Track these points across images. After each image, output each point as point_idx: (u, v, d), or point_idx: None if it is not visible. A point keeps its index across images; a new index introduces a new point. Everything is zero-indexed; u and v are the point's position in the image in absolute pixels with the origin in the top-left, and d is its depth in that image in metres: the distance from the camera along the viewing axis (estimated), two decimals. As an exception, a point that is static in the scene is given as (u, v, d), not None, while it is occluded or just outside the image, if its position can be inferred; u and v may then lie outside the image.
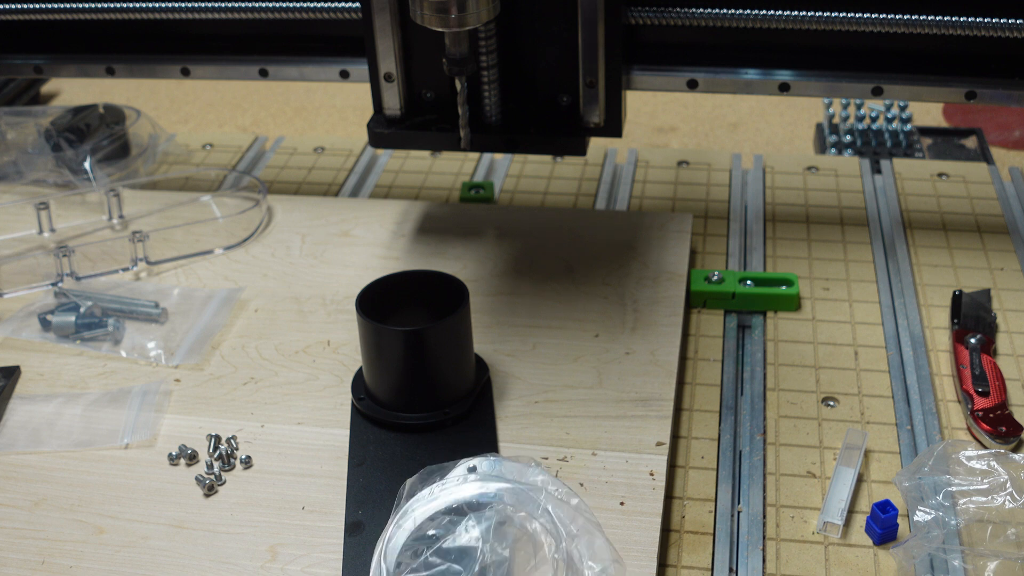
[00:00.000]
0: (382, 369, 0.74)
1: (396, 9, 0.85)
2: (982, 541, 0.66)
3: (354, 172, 1.15)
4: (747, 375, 0.83)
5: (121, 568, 0.66)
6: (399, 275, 0.77)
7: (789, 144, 2.45)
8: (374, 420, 0.75)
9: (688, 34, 0.95)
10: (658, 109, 2.62)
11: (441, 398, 0.74)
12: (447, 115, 0.89)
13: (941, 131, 1.97)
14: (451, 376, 0.74)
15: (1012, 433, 0.75)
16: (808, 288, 0.92)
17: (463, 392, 0.75)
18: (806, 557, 0.68)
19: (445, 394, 0.74)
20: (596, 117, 0.87)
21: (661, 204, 1.07)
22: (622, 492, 0.69)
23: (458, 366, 0.75)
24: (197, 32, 1.06)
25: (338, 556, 0.65)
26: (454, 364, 0.74)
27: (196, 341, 0.85)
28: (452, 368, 0.74)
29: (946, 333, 0.87)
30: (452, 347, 0.74)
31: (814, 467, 0.74)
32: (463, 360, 0.75)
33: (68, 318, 0.86)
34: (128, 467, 0.73)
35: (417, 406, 0.74)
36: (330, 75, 1.04)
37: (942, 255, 0.97)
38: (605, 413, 0.76)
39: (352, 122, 2.76)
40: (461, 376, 0.75)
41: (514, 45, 0.86)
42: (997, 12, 0.86)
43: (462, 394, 0.75)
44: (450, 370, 0.74)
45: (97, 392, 0.80)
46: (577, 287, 0.89)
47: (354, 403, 0.76)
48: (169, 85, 2.74)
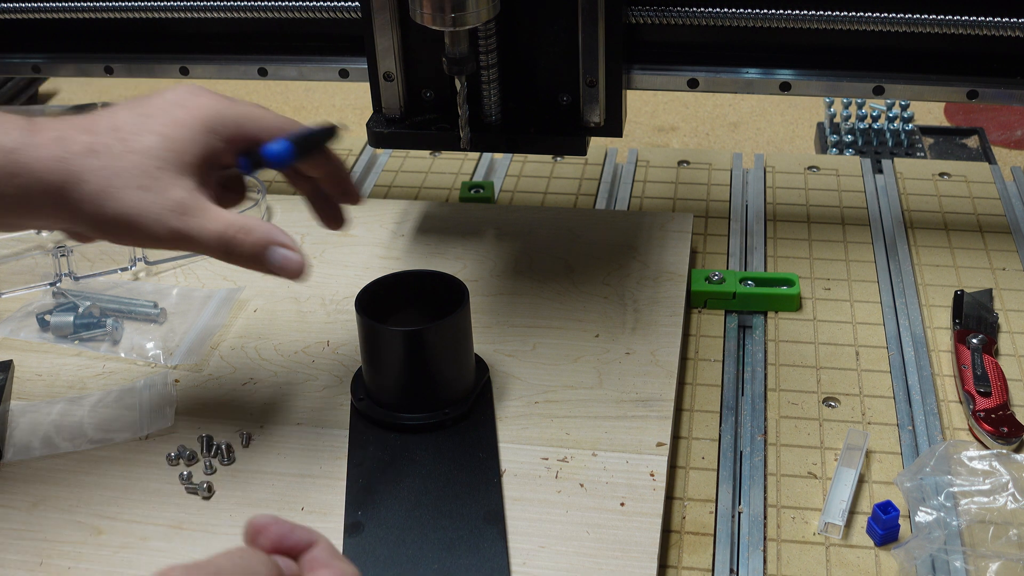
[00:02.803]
0: (381, 369, 0.74)
1: (396, 8, 0.84)
2: (984, 542, 0.66)
3: (354, 172, 1.15)
4: (748, 375, 0.83)
5: (120, 569, 0.66)
6: (398, 275, 0.77)
7: (790, 144, 2.45)
8: (373, 420, 0.74)
9: (689, 33, 0.95)
10: (659, 108, 2.62)
11: (441, 398, 0.74)
12: (447, 115, 0.89)
13: (943, 130, 1.97)
14: (451, 376, 0.74)
15: (1014, 434, 0.74)
16: (809, 288, 0.92)
17: (463, 392, 0.75)
18: (807, 558, 0.67)
19: (445, 394, 0.74)
20: (596, 116, 0.87)
21: (661, 204, 1.07)
22: (622, 493, 0.69)
23: (458, 366, 0.75)
24: (196, 31, 1.06)
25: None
26: (454, 364, 0.74)
27: (195, 341, 0.84)
28: (452, 368, 0.74)
29: (948, 333, 0.86)
30: (452, 347, 0.73)
31: (815, 468, 0.74)
32: (463, 360, 0.75)
33: (66, 318, 0.85)
34: (127, 468, 0.73)
35: (417, 407, 0.74)
36: (329, 74, 1.03)
37: (944, 255, 0.96)
38: (605, 413, 0.76)
39: (351, 121, 2.76)
40: (461, 376, 0.75)
41: (514, 44, 0.86)
42: (999, 11, 0.85)
43: (462, 394, 0.75)
44: (450, 370, 0.74)
45: (99, 392, 0.80)
46: (577, 287, 0.89)
47: (353, 403, 0.76)
48: (168, 84, 2.74)
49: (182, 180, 0.64)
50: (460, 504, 0.68)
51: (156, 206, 0.63)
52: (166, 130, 0.64)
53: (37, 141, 0.62)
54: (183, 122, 0.65)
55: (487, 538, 0.65)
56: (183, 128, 0.65)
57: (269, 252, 0.65)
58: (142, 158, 0.63)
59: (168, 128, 0.65)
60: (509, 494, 0.69)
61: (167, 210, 0.63)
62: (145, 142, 0.63)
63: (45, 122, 0.63)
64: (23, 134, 0.62)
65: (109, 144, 0.63)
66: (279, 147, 0.68)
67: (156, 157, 0.63)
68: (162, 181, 0.63)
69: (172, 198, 0.63)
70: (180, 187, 0.64)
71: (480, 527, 0.66)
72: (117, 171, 0.62)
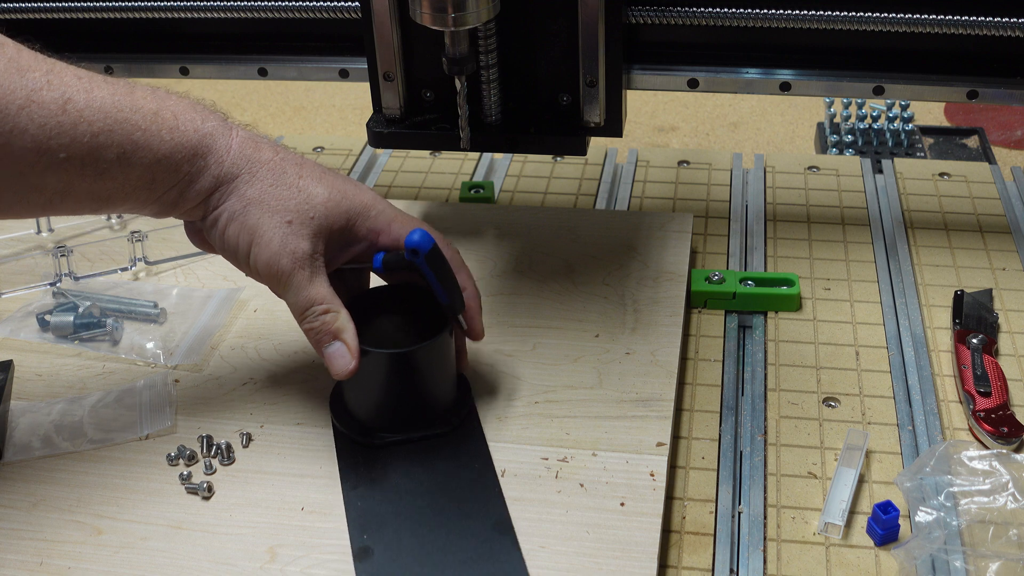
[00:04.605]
0: (368, 390, 0.72)
1: (396, 8, 0.84)
2: (984, 542, 0.66)
3: (354, 172, 1.15)
4: (748, 375, 0.83)
5: (119, 569, 0.66)
6: (381, 289, 0.76)
7: (790, 143, 2.45)
8: (360, 441, 0.73)
9: (689, 33, 0.95)
10: (658, 108, 2.62)
11: (430, 414, 0.73)
12: (447, 115, 0.89)
13: (943, 130, 1.97)
14: (440, 392, 0.73)
15: (1014, 434, 0.74)
16: (809, 288, 0.92)
17: (451, 404, 0.74)
18: (807, 558, 0.67)
19: (434, 410, 0.73)
20: (596, 116, 0.87)
21: (661, 204, 1.07)
22: (622, 493, 0.69)
23: (445, 382, 0.74)
24: (196, 31, 1.06)
25: (338, 557, 0.65)
26: (441, 381, 0.73)
27: (195, 341, 0.84)
28: (440, 385, 0.73)
29: (948, 333, 0.86)
30: (439, 365, 0.72)
31: (815, 468, 0.74)
32: (449, 375, 0.74)
33: (66, 318, 0.85)
34: (127, 468, 0.73)
35: (405, 424, 0.72)
36: (329, 74, 1.03)
37: (944, 255, 0.96)
38: (605, 413, 0.76)
39: (351, 121, 2.76)
40: (449, 390, 0.74)
41: (514, 44, 0.86)
42: (999, 11, 0.85)
43: (451, 406, 0.74)
44: (438, 387, 0.73)
45: (99, 392, 0.80)
46: (577, 287, 0.89)
47: (335, 424, 0.74)
48: (168, 84, 2.74)
49: (316, 241, 0.68)
50: (466, 517, 0.67)
51: (284, 241, 0.67)
52: (334, 194, 0.69)
53: (231, 134, 0.68)
54: (349, 195, 0.70)
55: (502, 548, 0.65)
56: (345, 201, 0.69)
57: (330, 342, 0.69)
58: (305, 200, 0.68)
59: (336, 194, 0.69)
60: (509, 494, 0.69)
61: (288, 250, 0.67)
62: (315, 190, 0.68)
63: (241, 128, 0.70)
64: (221, 125, 0.68)
65: (287, 170, 0.68)
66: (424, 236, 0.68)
67: (316, 207, 0.68)
68: (305, 228, 0.68)
69: (300, 247, 0.67)
70: (311, 243, 0.68)
71: (492, 537, 0.65)
72: (279, 195, 0.67)
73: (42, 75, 0.62)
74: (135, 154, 0.64)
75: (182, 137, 0.66)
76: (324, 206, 0.68)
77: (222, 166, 0.67)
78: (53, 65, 0.63)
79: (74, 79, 0.63)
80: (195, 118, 0.67)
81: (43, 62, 0.63)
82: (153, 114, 0.65)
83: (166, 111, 0.66)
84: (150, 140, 0.65)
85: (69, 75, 0.63)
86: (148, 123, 0.65)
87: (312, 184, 0.68)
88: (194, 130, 0.66)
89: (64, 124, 0.62)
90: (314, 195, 0.68)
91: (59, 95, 0.62)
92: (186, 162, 0.66)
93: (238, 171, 0.67)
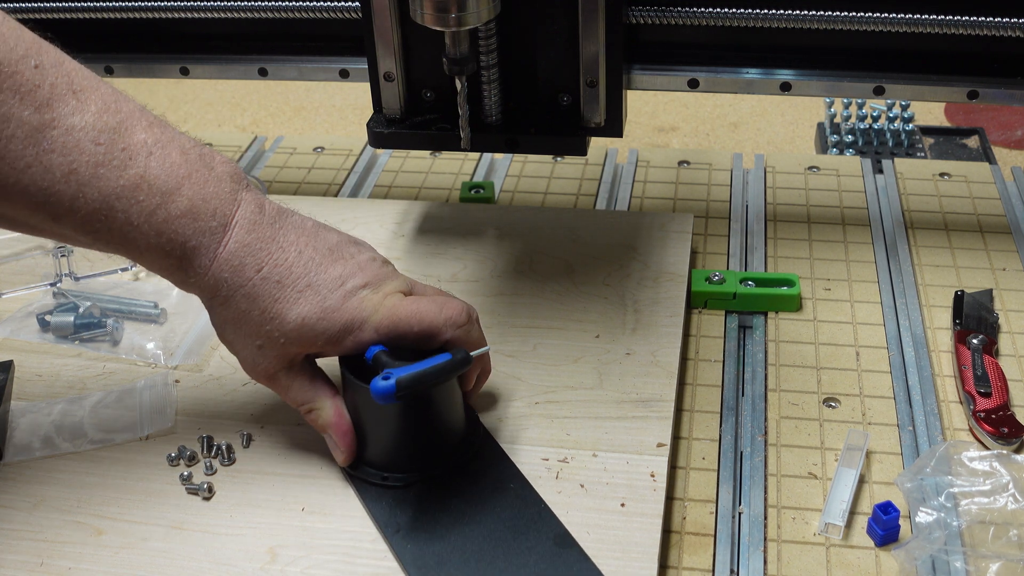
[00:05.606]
0: (385, 429, 0.70)
1: (396, 8, 0.84)
2: (984, 543, 0.66)
3: (354, 172, 1.15)
4: (748, 376, 0.83)
5: (120, 570, 0.66)
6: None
7: (790, 144, 2.45)
8: (381, 485, 0.70)
9: (689, 33, 0.95)
10: (659, 109, 2.62)
11: (448, 443, 0.71)
12: (447, 115, 0.89)
13: (943, 130, 1.97)
14: (452, 422, 0.71)
15: (1014, 434, 0.74)
16: (809, 288, 0.92)
17: (466, 432, 0.72)
18: (807, 558, 0.67)
19: (453, 438, 0.71)
20: (597, 117, 0.87)
21: (662, 204, 1.07)
22: (623, 493, 0.69)
23: (457, 411, 0.71)
24: (196, 31, 1.06)
25: (338, 557, 0.65)
26: (453, 409, 0.71)
27: (195, 342, 0.84)
28: (453, 414, 0.71)
29: (948, 334, 0.86)
30: (449, 396, 0.70)
31: (815, 468, 0.74)
32: (460, 402, 0.72)
33: (67, 318, 0.85)
34: (127, 468, 0.73)
35: (423, 459, 0.70)
36: (329, 74, 1.03)
37: (944, 255, 0.96)
38: (606, 414, 0.76)
39: (352, 121, 2.77)
40: (461, 418, 0.72)
41: (514, 45, 0.86)
42: (999, 11, 0.85)
43: (466, 434, 0.72)
44: (451, 417, 0.71)
45: (99, 392, 0.80)
46: (577, 287, 0.89)
47: (349, 472, 0.71)
48: (168, 84, 2.74)
49: (290, 358, 0.68)
50: (522, 537, 0.65)
51: (255, 361, 0.68)
52: (310, 318, 0.67)
53: (218, 247, 0.65)
54: (330, 316, 0.67)
55: (572, 560, 0.63)
56: (323, 323, 0.67)
57: (325, 435, 0.71)
58: (276, 327, 0.66)
59: (312, 317, 0.67)
60: (509, 494, 0.69)
61: (260, 369, 0.69)
62: (290, 315, 0.66)
63: (240, 226, 0.66)
64: (213, 233, 0.65)
65: (262, 295, 0.66)
66: (388, 387, 0.63)
67: (287, 332, 0.67)
68: (275, 350, 0.68)
69: (271, 366, 0.68)
70: (282, 361, 0.68)
71: (557, 552, 0.64)
72: (251, 320, 0.66)
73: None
74: (123, 247, 0.64)
75: (168, 245, 0.64)
76: (296, 331, 0.66)
77: (202, 280, 0.65)
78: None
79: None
80: (191, 221, 0.64)
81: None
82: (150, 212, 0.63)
83: (173, 203, 0.63)
84: (137, 240, 0.63)
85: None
86: (143, 220, 0.63)
87: (288, 308, 0.66)
88: (181, 243, 0.64)
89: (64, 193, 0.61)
90: (287, 321, 0.66)
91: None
92: (169, 266, 0.65)
93: (214, 291, 0.65)
